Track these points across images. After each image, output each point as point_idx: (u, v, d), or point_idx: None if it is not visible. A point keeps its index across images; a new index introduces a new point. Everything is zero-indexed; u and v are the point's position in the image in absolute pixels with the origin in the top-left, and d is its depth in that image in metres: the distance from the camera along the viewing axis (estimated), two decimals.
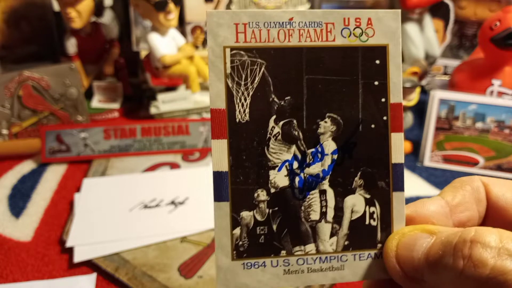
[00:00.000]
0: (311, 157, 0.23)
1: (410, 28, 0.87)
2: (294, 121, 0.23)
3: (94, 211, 0.61)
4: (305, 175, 0.23)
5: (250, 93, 0.22)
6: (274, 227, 0.23)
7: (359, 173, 0.23)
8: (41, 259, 0.54)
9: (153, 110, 0.83)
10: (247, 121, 0.22)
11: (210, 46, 0.22)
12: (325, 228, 0.23)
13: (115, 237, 0.56)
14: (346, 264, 0.23)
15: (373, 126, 0.23)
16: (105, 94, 0.90)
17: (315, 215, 0.23)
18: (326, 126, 0.23)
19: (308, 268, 0.23)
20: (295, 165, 0.23)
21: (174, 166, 0.73)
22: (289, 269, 0.23)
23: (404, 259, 0.21)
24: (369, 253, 0.23)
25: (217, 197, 0.22)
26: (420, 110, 0.77)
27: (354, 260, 0.23)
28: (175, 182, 0.67)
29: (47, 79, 0.74)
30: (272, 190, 0.23)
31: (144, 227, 0.58)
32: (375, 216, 0.23)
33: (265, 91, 0.22)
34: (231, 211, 0.22)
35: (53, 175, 0.70)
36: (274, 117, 0.23)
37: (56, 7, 0.91)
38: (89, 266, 0.53)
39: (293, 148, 0.23)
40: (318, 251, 0.23)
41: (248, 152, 0.22)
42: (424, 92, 0.87)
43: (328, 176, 0.23)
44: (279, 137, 0.23)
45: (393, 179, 0.23)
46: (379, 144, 0.23)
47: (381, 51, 0.23)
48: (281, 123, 0.23)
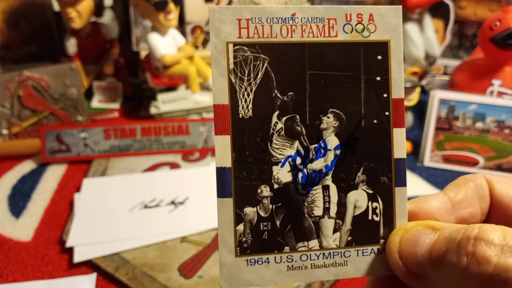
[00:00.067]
0: (314, 153, 0.23)
1: (410, 28, 0.87)
2: (297, 117, 0.23)
3: (94, 211, 0.61)
4: (308, 170, 0.23)
5: (253, 88, 0.22)
6: (278, 223, 0.23)
7: (362, 169, 0.23)
8: (41, 259, 0.54)
9: (153, 110, 0.83)
10: (250, 116, 0.22)
11: (212, 42, 0.22)
12: (328, 224, 0.23)
13: (115, 237, 0.56)
14: (349, 260, 0.23)
15: (375, 121, 0.23)
16: (105, 94, 0.90)
17: (318, 211, 0.23)
18: (329, 121, 0.23)
19: (311, 264, 0.23)
20: (298, 160, 0.23)
21: (174, 166, 0.73)
22: (292, 265, 0.23)
23: (407, 255, 0.21)
24: (372, 249, 0.23)
25: (220, 193, 0.22)
26: (420, 110, 0.77)
27: (357, 255, 0.23)
28: (175, 182, 0.67)
29: (47, 79, 0.74)
30: (275, 186, 0.23)
31: (144, 227, 0.58)
32: (377, 211, 0.23)
33: (268, 86, 0.22)
34: (235, 207, 0.22)
35: (53, 175, 0.70)
36: (277, 112, 0.22)
37: (56, 7, 0.91)
38: (89, 266, 0.53)
39: (296, 143, 0.23)
40: (321, 247, 0.23)
41: (251, 147, 0.22)
42: (424, 92, 0.87)
43: (331, 171, 0.23)
44: (282, 132, 0.23)
45: (395, 174, 0.23)
46: (381, 140, 0.23)
47: (382, 47, 0.23)
48: (284, 118, 0.23)
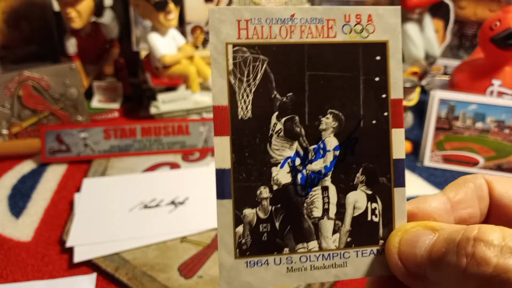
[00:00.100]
0: (313, 154, 0.23)
1: (410, 28, 0.87)
2: (296, 118, 0.23)
3: (94, 211, 0.61)
4: (307, 171, 0.23)
5: (253, 89, 0.22)
6: (277, 224, 0.23)
7: (361, 169, 0.23)
8: (41, 259, 0.54)
9: (153, 110, 0.83)
10: (250, 117, 0.22)
11: (212, 43, 0.22)
12: (327, 225, 0.23)
13: (115, 237, 0.56)
14: (348, 261, 0.23)
15: (374, 122, 0.23)
16: (105, 94, 0.90)
17: (317, 212, 0.23)
18: (328, 122, 0.23)
19: (311, 265, 0.23)
20: (297, 161, 0.23)
21: (174, 166, 0.73)
22: (292, 267, 0.23)
23: (406, 255, 0.21)
24: (372, 250, 0.23)
25: (220, 195, 0.22)
26: (420, 110, 0.77)
27: (357, 256, 0.23)
28: (175, 182, 0.67)
29: (47, 79, 0.74)
30: (275, 187, 0.22)
31: (144, 227, 0.58)
32: (377, 212, 0.23)
33: (267, 87, 0.22)
34: (234, 208, 0.22)
35: (53, 175, 0.70)
36: (276, 113, 0.22)
37: (56, 7, 0.91)
38: (89, 266, 0.53)
39: (295, 144, 0.23)
40: (321, 248, 0.23)
41: (251, 149, 0.22)
42: (424, 92, 0.87)
43: (330, 172, 0.23)
44: (282, 133, 0.22)
45: (394, 174, 0.23)
46: (380, 140, 0.23)
47: (381, 47, 0.23)
48: (283, 119, 0.23)
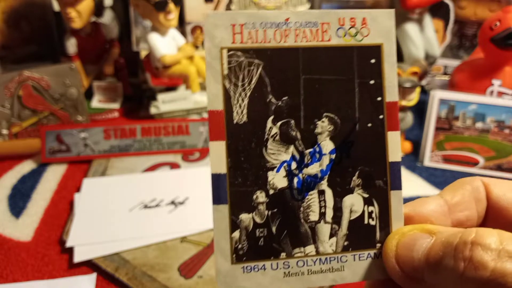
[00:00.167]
0: (309, 157, 0.23)
1: (410, 28, 0.87)
2: (292, 121, 0.23)
3: (94, 211, 0.61)
4: (304, 175, 0.23)
5: (248, 94, 0.22)
6: (274, 229, 0.22)
7: (357, 173, 0.23)
8: (41, 259, 0.54)
9: (153, 110, 0.83)
10: (245, 122, 0.22)
11: (207, 47, 0.22)
12: (324, 229, 0.23)
13: (115, 237, 0.56)
14: (346, 265, 0.23)
15: (369, 125, 0.23)
16: (105, 94, 0.90)
17: (314, 216, 0.23)
18: (323, 125, 0.23)
19: (308, 270, 0.23)
20: (294, 165, 0.23)
21: (174, 166, 0.73)
22: (289, 272, 0.22)
23: (403, 259, 0.21)
24: (369, 253, 0.23)
25: (216, 200, 0.22)
26: (420, 110, 0.77)
27: (354, 260, 0.23)
28: (175, 182, 0.67)
29: (47, 79, 0.74)
30: (271, 192, 0.22)
31: (144, 227, 0.58)
32: (373, 215, 0.23)
33: (263, 91, 0.22)
34: (230, 214, 0.22)
35: (53, 175, 0.70)
36: (271, 117, 0.22)
37: (56, 7, 0.91)
38: (89, 266, 0.53)
39: (291, 148, 0.23)
40: (318, 253, 0.23)
41: (247, 153, 0.22)
42: (424, 92, 0.87)
43: (327, 176, 0.23)
44: (277, 137, 0.22)
45: (390, 177, 0.23)
46: (376, 143, 0.23)
47: (376, 50, 0.23)
48: (278, 123, 0.22)
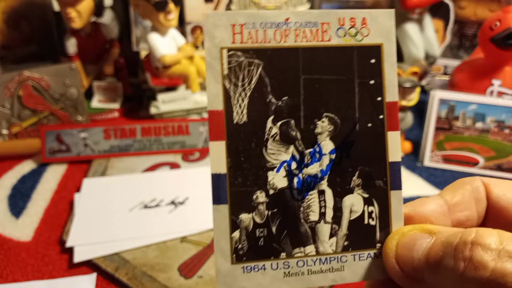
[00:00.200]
0: (309, 157, 0.23)
1: (410, 28, 0.87)
2: (292, 121, 0.23)
3: (94, 211, 0.61)
4: (304, 175, 0.23)
5: (248, 94, 0.22)
6: (274, 229, 0.22)
7: (357, 173, 0.23)
8: (41, 259, 0.54)
9: (153, 110, 0.83)
10: (245, 122, 0.22)
11: (207, 48, 0.22)
12: (324, 229, 0.23)
13: (115, 237, 0.56)
14: (346, 265, 0.23)
15: (369, 125, 0.23)
16: (105, 94, 0.90)
17: (314, 216, 0.23)
18: (323, 125, 0.23)
19: (308, 270, 0.23)
20: (294, 165, 0.23)
21: (174, 166, 0.73)
22: (289, 272, 0.22)
23: (403, 259, 0.21)
24: (369, 253, 0.23)
25: (216, 200, 0.22)
26: (420, 110, 0.77)
27: (354, 260, 0.23)
28: (175, 182, 0.67)
29: (47, 79, 0.74)
30: (271, 192, 0.22)
31: (144, 227, 0.58)
32: (373, 215, 0.23)
33: (263, 91, 0.22)
34: (230, 214, 0.22)
35: (53, 175, 0.70)
36: (271, 117, 0.22)
37: (56, 7, 0.91)
38: (89, 266, 0.53)
39: (291, 148, 0.23)
40: (318, 253, 0.23)
41: (247, 153, 0.22)
42: (424, 92, 0.87)
43: (327, 176, 0.23)
44: (277, 137, 0.22)
45: (390, 177, 0.23)
46: (376, 143, 0.23)
47: (376, 50, 0.23)
48: (278, 123, 0.22)
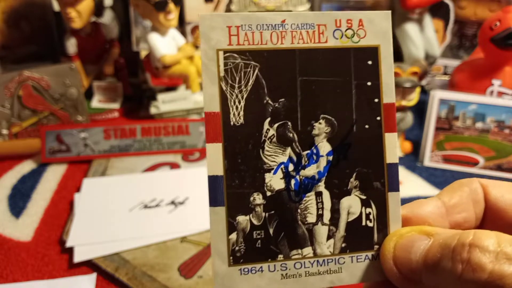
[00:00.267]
0: (306, 159, 0.23)
1: (410, 28, 0.87)
2: (289, 123, 0.22)
3: (94, 211, 0.61)
4: (301, 177, 0.23)
5: (244, 95, 0.22)
6: (271, 231, 0.22)
7: (355, 174, 0.23)
8: (41, 259, 0.54)
9: (153, 110, 0.83)
10: (242, 124, 0.22)
11: (203, 49, 0.22)
12: (322, 231, 0.23)
13: (115, 237, 0.56)
14: (343, 267, 0.23)
15: (367, 126, 0.23)
16: (105, 94, 0.90)
17: (311, 218, 0.23)
18: (320, 127, 0.23)
19: (305, 271, 0.23)
20: (291, 167, 0.23)
21: (174, 166, 0.73)
22: (286, 274, 0.22)
23: (401, 261, 0.21)
24: (366, 255, 0.23)
25: (213, 202, 0.22)
26: (420, 110, 0.77)
27: (352, 262, 0.23)
28: (175, 182, 0.67)
29: (47, 79, 0.75)
30: (268, 193, 0.22)
31: (144, 227, 0.58)
32: (371, 217, 0.23)
33: (259, 93, 0.22)
34: (227, 216, 0.22)
35: (53, 175, 0.70)
36: (268, 119, 0.22)
37: (56, 7, 0.91)
38: (89, 266, 0.53)
39: (288, 150, 0.23)
40: (315, 254, 0.23)
41: (244, 155, 0.22)
42: (424, 92, 0.87)
43: (324, 177, 0.23)
44: (274, 139, 0.22)
45: (388, 179, 0.23)
46: (373, 145, 0.23)
47: (373, 52, 0.23)
48: (275, 125, 0.22)
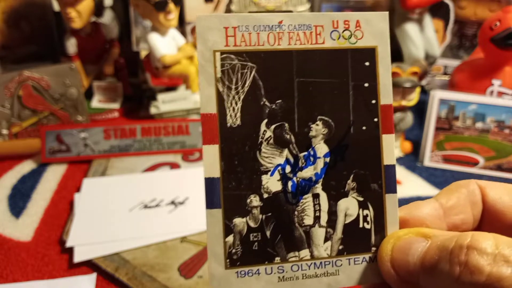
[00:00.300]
0: (303, 161, 0.22)
1: (410, 28, 0.87)
2: (286, 125, 0.22)
3: (94, 211, 0.61)
4: (298, 179, 0.22)
5: (241, 97, 0.22)
6: (268, 233, 0.22)
7: (352, 176, 0.23)
8: (41, 259, 0.55)
9: (153, 110, 0.83)
10: (239, 125, 0.22)
11: (199, 50, 0.22)
12: (319, 233, 0.23)
13: (115, 237, 0.56)
14: (341, 269, 0.23)
15: (364, 128, 0.23)
16: (105, 94, 0.90)
17: (308, 220, 0.23)
18: (317, 129, 0.23)
19: (303, 274, 0.22)
20: (288, 169, 0.22)
21: (174, 166, 0.73)
22: (283, 276, 0.22)
23: (399, 263, 0.21)
24: (364, 257, 0.23)
25: (209, 204, 0.22)
26: (420, 110, 0.77)
27: (349, 264, 0.23)
28: (175, 182, 0.67)
29: (47, 79, 0.75)
30: (265, 195, 0.22)
31: (144, 227, 0.58)
32: (368, 219, 0.23)
33: (256, 94, 0.22)
34: (224, 218, 0.22)
35: (53, 175, 0.70)
36: (265, 121, 0.22)
37: (56, 7, 0.91)
38: (89, 266, 0.53)
39: (285, 152, 0.22)
40: (312, 257, 0.23)
41: (240, 157, 0.22)
42: (424, 92, 0.87)
43: (321, 179, 0.23)
44: (271, 141, 0.22)
45: (385, 181, 0.23)
46: (371, 146, 0.23)
47: (370, 53, 0.23)
48: (272, 126, 0.22)
